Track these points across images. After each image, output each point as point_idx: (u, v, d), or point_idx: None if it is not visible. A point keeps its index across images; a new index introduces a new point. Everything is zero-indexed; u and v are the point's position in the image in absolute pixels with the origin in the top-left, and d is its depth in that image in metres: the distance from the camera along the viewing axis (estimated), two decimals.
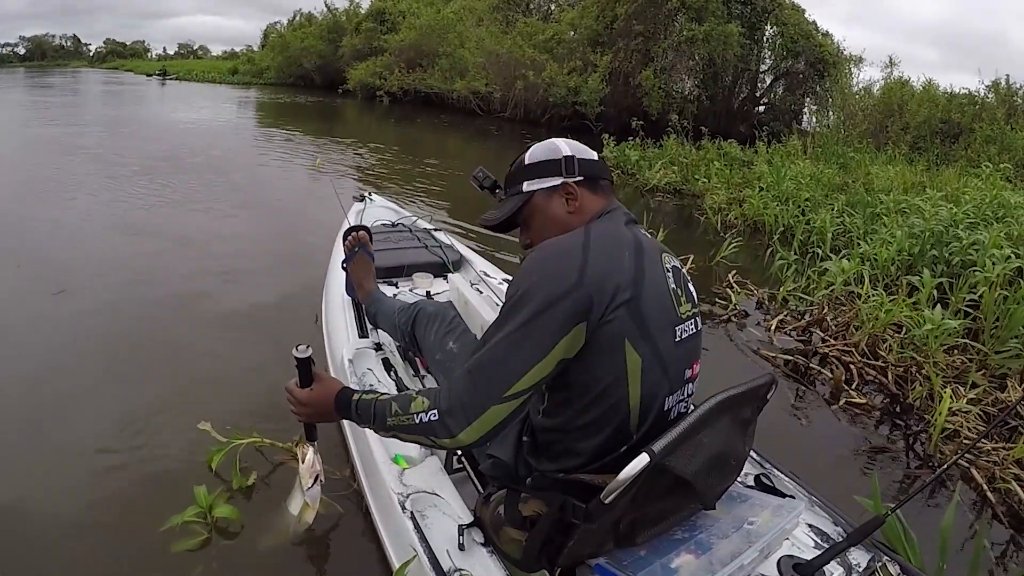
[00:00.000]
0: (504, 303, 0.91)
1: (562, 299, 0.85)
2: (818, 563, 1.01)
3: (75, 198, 4.96)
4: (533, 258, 0.93)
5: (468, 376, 0.87)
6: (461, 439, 0.87)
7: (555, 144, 1.08)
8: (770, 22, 13.52)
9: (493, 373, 0.86)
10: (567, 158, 1.04)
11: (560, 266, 0.88)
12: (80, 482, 1.70)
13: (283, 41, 26.65)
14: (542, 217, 1.05)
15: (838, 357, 2.78)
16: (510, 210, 1.06)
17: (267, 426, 1.86)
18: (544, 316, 0.85)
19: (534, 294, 0.86)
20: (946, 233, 3.71)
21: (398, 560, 1.18)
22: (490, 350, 0.87)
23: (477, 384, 0.86)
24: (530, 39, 14.52)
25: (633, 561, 0.94)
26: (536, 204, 1.05)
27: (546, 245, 0.95)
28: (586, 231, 0.95)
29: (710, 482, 0.96)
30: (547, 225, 1.04)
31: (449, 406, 0.87)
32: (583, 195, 1.03)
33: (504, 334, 0.87)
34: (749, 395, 0.98)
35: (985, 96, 9.92)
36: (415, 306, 1.61)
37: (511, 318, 0.87)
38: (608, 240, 0.94)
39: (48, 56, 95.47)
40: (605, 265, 0.89)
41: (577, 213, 1.02)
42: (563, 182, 1.03)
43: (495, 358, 0.86)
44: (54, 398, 2.11)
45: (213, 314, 2.87)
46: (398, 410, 0.93)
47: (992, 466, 2.03)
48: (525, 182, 1.06)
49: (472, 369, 0.87)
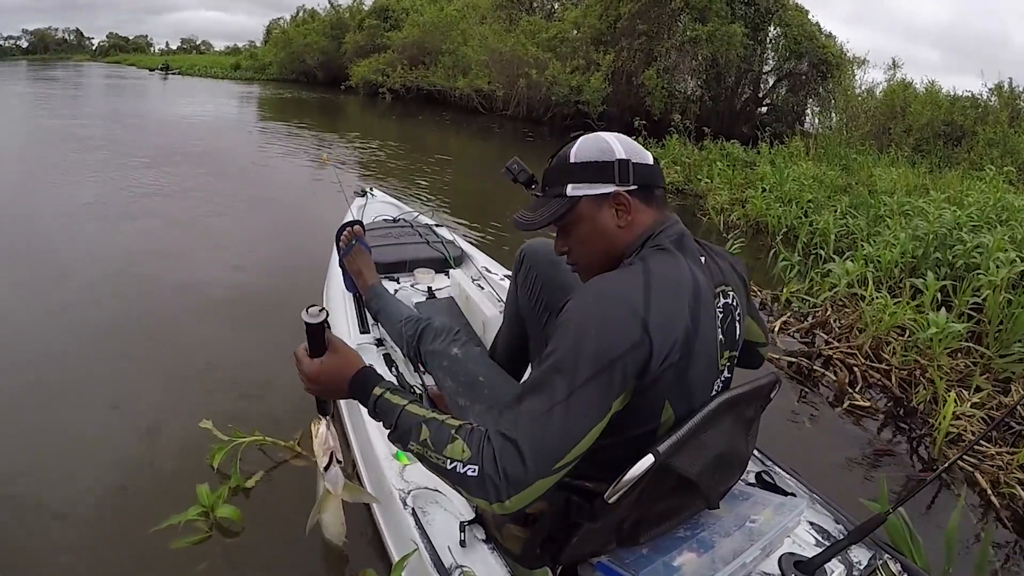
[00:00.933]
0: (553, 349, 0.79)
1: (623, 357, 0.76)
2: (819, 561, 1.01)
3: (76, 193, 4.96)
4: (588, 303, 0.81)
5: (517, 448, 0.74)
6: (495, 509, 0.76)
7: (607, 142, 0.93)
8: (773, 23, 13.49)
9: (546, 446, 0.75)
10: (621, 162, 0.91)
11: (622, 318, 0.78)
12: (81, 479, 1.69)
13: (286, 37, 26.70)
14: (587, 228, 0.93)
15: (842, 359, 2.76)
16: (550, 216, 0.94)
17: (268, 424, 1.86)
18: (603, 376, 0.76)
19: (592, 350, 0.76)
20: (950, 236, 3.69)
21: (399, 555, 1.17)
22: (543, 420, 0.75)
23: (526, 458, 0.74)
24: (533, 37, 14.50)
25: (635, 559, 0.94)
26: (581, 212, 0.92)
27: (603, 288, 0.82)
28: (645, 269, 0.83)
29: (714, 482, 0.95)
30: (592, 238, 0.93)
31: (493, 472, 0.74)
32: (636, 207, 0.91)
33: (558, 400, 0.75)
34: (753, 395, 0.98)
35: (988, 99, 9.91)
36: (421, 321, 1.55)
37: (564, 377, 0.76)
38: (669, 283, 0.83)
39: (51, 49, 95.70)
40: (666, 318, 0.80)
41: (628, 227, 0.91)
42: (615, 191, 0.91)
43: (549, 430, 0.75)
44: (54, 393, 2.11)
45: (213, 308, 2.87)
46: (429, 442, 0.80)
47: (996, 470, 2.02)
48: (570, 184, 0.93)
49: (522, 441, 0.75)
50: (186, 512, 1.47)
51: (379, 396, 0.87)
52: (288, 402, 2.04)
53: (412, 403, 0.85)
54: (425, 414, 0.83)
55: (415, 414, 0.83)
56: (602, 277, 0.85)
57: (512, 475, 0.74)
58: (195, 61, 42.78)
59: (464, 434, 0.78)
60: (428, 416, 0.83)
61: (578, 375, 0.75)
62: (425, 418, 0.82)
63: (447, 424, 0.81)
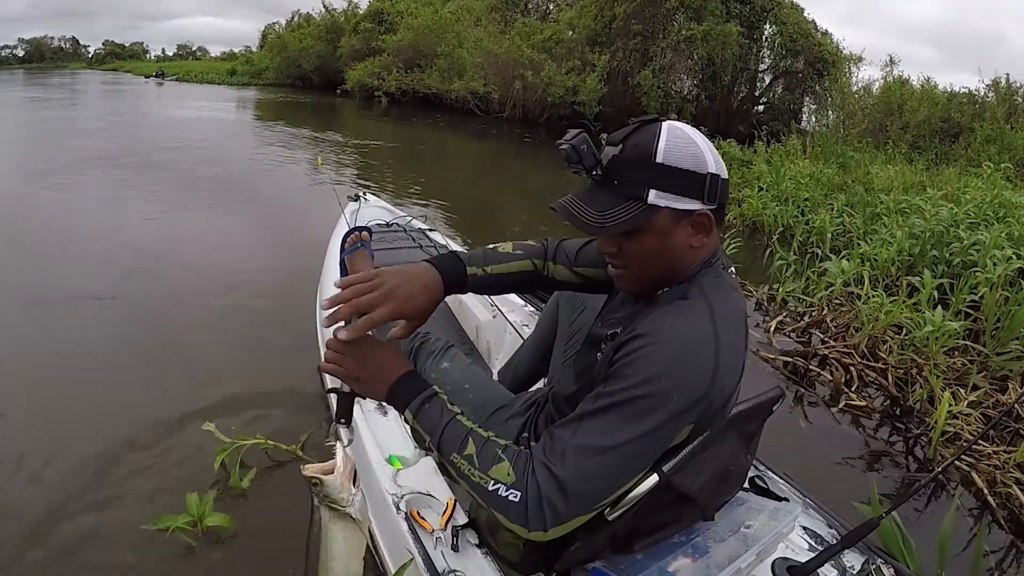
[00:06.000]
0: (617, 389, 0.73)
1: (691, 408, 0.73)
2: (812, 566, 1.00)
3: (76, 199, 4.94)
4: (662, 352, 0.74)
5: (562, 484, 0.71)
6: (532, 536, 0.73)
7: (697, 146, 0.79)
8: (769, 21, 13.54)
9: (593, 487, 0.72)
10: (712, 177, 0.79)
11: (696, 369, 0.73)
12: (78, 477, 1.70)
13: (281, 42, 26.72)
14: (656, 242, 0.80)
15: (838, 359, 2.76)
16: (625, 224, 0.78)
17: (269, 428, 1.87)
18: (668, 426, 0.73)
19: (661, 404, 0.71)
20: (946, 233, 3.70)
21: (392, 561, 1.17)
22: (594, 461, 0.71)
23: (569, 495, 0.71)
24: (528, 39, 14.53)
25: (630, 565, 0.93)
26: (658, 225, 0.79)
27: (677, 336, 0.75)
28: (710, 308, 0.78)
29: (713, 496, 0.95)
30: (659, 253, 0.81)
31: (536, 503, 0.71)
32: (712, 229, 0.82)
33: (614, 444, 0.71)
34: (757, 410, 0.97)
35: (985, 95, 9.94)
36: (418, 336, 1.51)
37: (625, 422, 0.72)
38: (731, 323, 0.79)
39: (47, 58, 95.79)
40: (730, 365, 0.76)
41: (698, 249, 0.82)
42: (701, 210, 0.79)
43: (599, 472, 0.72)
44: (55, 394, 2.12)
45: (210, 311, 2.88)
46: (475, 458, 0.75)
47: (993, 470, 2.01)
48: (653, 191, 0.78)
49: (568, 478, 0.71)
50: (175, 519, 1.46)
51: (433, 395, 0.82)
52: (290, 407, 2.05)
53: (462, 415, 0.81)
54: (472, 426, 0.79)
55: (465, 425, 0.79)
56: (674, 319, 0.77)
57: (555, 509, 0.71)
58: (191, 67, 42.80)
59: (511, 455, 0.75)
60: (475, 429, 0.79)
61: (640, 425, 0.71)
62: (472, 430, 0.78)
63: (493, 441, 0.77)
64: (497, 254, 1.05)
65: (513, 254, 1.06)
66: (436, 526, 1.10)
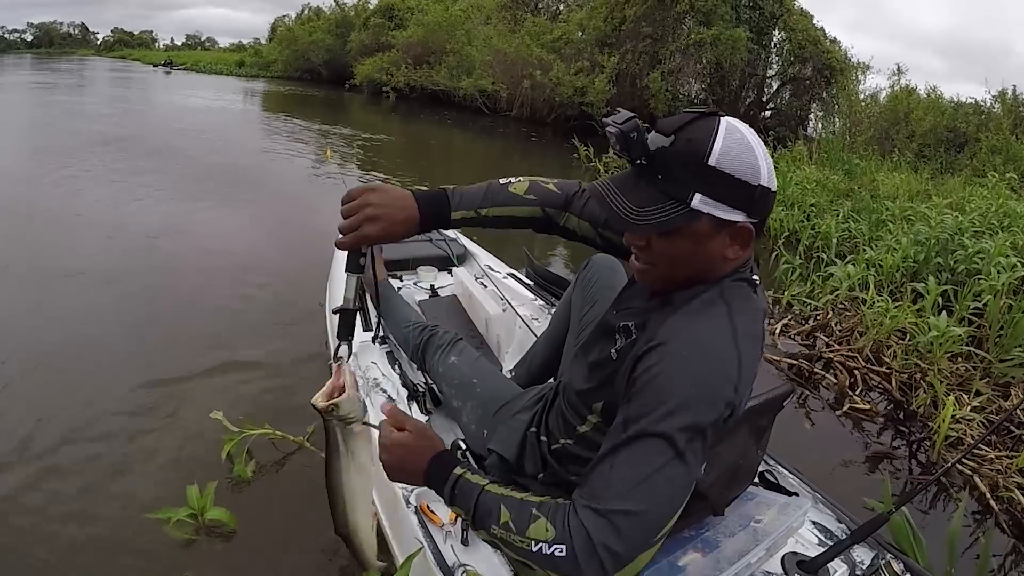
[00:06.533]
0: (643, 413, 0.70)
1: (716, 423, 0.71)
2: (822, 560, 1.01)
3: (86, 187, 4.95)
4: (683, 366, 0.71)
5: (613, 523, 0.67)
6: None
7: (754, 153, 0.73)
8: (778, 27, 13.51)
9: (649, 519, 0.68)
10: (763, 190, 0.73)
11: (719, 383, 0.71)
12: (81, 464, 1.71)
13: (291, 35, 26.68)
14: (691, 247, 0.76)
15: (842, 362, 2.77)
16: (661, 225, 0.73)
17: (278, 418, 1.87)
18: (699, 440, 0.70)
19: (691, 420, 0.69)
20: (951, 241, 3.70)
21: (401, 554, 1.17)
22: (640, 492, 0.67)
23: (624, 531, 0.66)
24: (538, 39, 14.52)
25: None
26: (696, 230, 0.74)
27: (697, 348, 0.72)
28: (730, 316, 0.75)
29: (724, 492, 0.96)
30: (691, 258, 0.77)
31: (588, 550, 0.66)
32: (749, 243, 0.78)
33: (655, 468, 0.68)
34: (768, 405, 0.98)
35: (991, 106, 9.92)
36: (427, 329, 1.55)
37: (660, 445, 0.68)
38: (750, 331, 0.77)
39: (55, 43, 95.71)
40: (749, 373, 0.75)
41: (728, 261, 0.78)
42: (744, 223, 0.74)
43: (652, 501, 0.68)
44: (63, 378, 2.13)
45: (219, 298, 2.89)
46: (511, 524, 0.72)
47: (995, 474, 2.03)
48: (699, 194, 0.72)
49: (618, 516, 0.67)
50: (176, 512, 1.47)
51: (460, 476, 0.78)
52: (300, 397, 2.06)
53: (492, 483, 0.77)
54: (504, 492, 0.75)
55: (495, 494, 0.75)
56: (694, 327, 0.74)
57: (612, 551, 0.66)
58: (199, 57, 42.76)
59: (547, 511, 0.71)
60: (507, 495, 0.75)
61: (676, 441, 0.68)
62: (504, 496, 0.75)
63: (527, 501, 0.73)
64: (503, 194, 0.99)
65: (523, 198, 0.99)
66: (446, 520, 1.10)
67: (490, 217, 0.97)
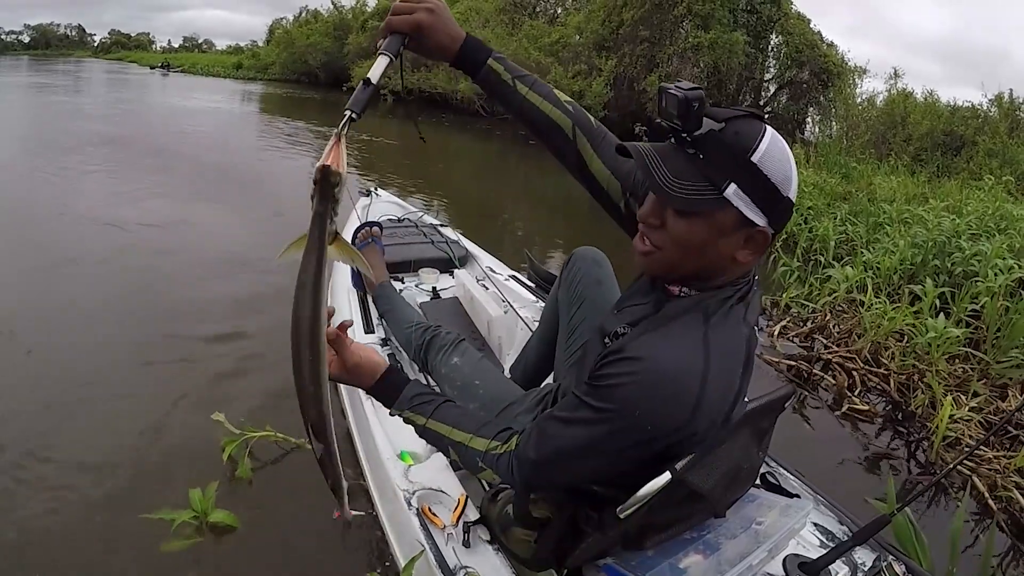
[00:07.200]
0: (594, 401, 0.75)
1: (665, 436, 0.74)
2: (823, 562, 1.01)
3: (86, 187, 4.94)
4: (641, 380, 0.72)
5: (534, 458, 0.81)
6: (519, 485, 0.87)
7: (791, 169, 0.74)
8: (775, 31, 13.56)
9: (559, 467, 0.82)
10: (788, 203, 0.75)
11: (673, 407, 0.73)
12: (81, 466, 1.71)
13: (289, 37, 26.72)
14: (705, 237, 0.75)
15: (841, 364, 2.78)
16: (691, 202, 0.73)
17: (279, 419, 1.87)
18: (637, 447, 0.75)
19: (633, 429, 0.73)
20: (948, 244, 3.73)
21: (403, 556, 1.17)
22: (567, 461, 0.80)
23: (542, 468, 0.82)
24: (535, 42, 14.54)
25: (641, 561, 0.94)
26: (719, 220, 0.74)
27: (661, 368, 0.73)
28: (706, 346, 0.75)
29: (725, 494, 0.96)
30: (702, 249, 0.76)
31: (517, 466, 0.83)
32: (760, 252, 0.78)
33: (588, 447, 0.77)
34: (769, 407, 0.98)
35: (988, 110, 9.97)
36: (430, 330, 1.55)
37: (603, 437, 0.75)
38: (728, 360, 0.77)
39: (52, 45, 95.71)
40: (718, 397, 0.76)
41: (741, 265, 0.78)
42: (763, 228, 0.75)
43: (568, 468, 0.82)
44: (61, 377, 2.12)
45: (218, 299, 2.89)
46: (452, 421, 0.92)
47: (994, 474, 2.03)
48: (734, 184, 0.72)
49: (540, 459, 0.81)
50: (180, 514, 1.47)
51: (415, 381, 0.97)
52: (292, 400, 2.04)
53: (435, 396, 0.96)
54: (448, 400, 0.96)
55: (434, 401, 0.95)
56: (664, 347, 0.75)
57: (530, 478, 0.83)
58: (197, 60, 42.79)
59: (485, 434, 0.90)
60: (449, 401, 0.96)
61: (613, 442, 0.75)
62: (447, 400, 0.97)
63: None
64: (546, 88, 0.95)
65: (563, 103, 0.95)
66: (448, 522, 1.10)
67: (521, 97, 0.94)
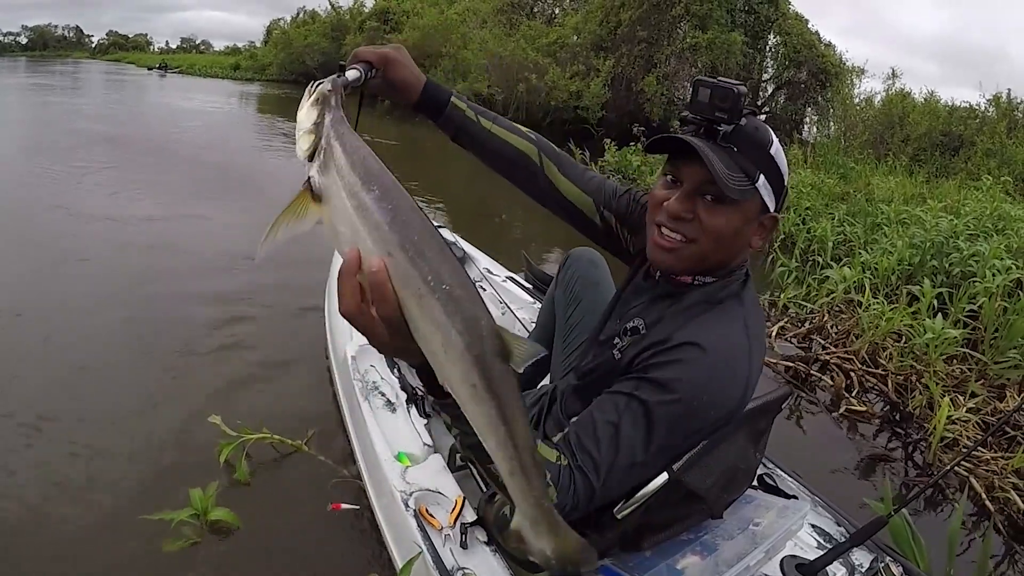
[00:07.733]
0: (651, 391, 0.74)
1: (723, 418, 0.78)
2: (821, 563, 1.01)
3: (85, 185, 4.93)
4: (706, 364, 0.74)
5: (593, 478, 0.74)
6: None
7: (784, 158, 0.83)
8: (773, 31, 13.57)
9: (625, 477, 0.77)
10: (786, 190, 0.84)
11: (733, 386, 0.77)
12: (80, 464, 1.71)
13: (286, 38, 26.69)
14: (733, 225, 0.79)
15: (838, 364, 2.78)
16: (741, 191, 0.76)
17: (274, 422, 1.86)
18: (702, 434, 0.78)
19: (702, 415, 0.75)
20: (946, 244, 3.73)
21: (400, 557, 1.16)
22: (629, 456, 0.75)
23: (608, 485, 0.76)
24: (533, 42, 14.54)
25: (639, 563, 0.94)
26: (748, 209, 0.79)
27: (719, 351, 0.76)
28: (745, 324, 0.80)
29: (722, 495, 0.96)
30: (730, 239, 0.80)
31: (573, 503, 0.75)
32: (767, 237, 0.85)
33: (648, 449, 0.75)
34: (766, 408, 0.98)
35: (986, 110, 9.99)
36: None
37: (669, 430, 0.75)
38: (760, 339, 0.82)
39: (50, 46, 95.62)
40: (757, 378, 0.81)
41: (748, 251, 0.85)
42: (774, 214, 0.82)
43: (630, 464, 0.76)
44: (58, 377, 2.12)
45: (217, 301, 2.87)
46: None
47: (991, 475, 2.03)
48: (763, 175, 0.78)
49: (601, 469, 0.74)
50: (179, 513, 1.46)
51: None
52: (298, 401, 2.05)
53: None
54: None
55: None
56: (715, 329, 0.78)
57: (591, 500, 0.76)
58: (194, 60, 42.77)
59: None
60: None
61: (678, 432, 0.76)
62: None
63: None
64: (508, 123, 1.02)
65: (524, 132, 1.02)
66: (445, 524, 1.10)
67: (487, 132, 0.99)
